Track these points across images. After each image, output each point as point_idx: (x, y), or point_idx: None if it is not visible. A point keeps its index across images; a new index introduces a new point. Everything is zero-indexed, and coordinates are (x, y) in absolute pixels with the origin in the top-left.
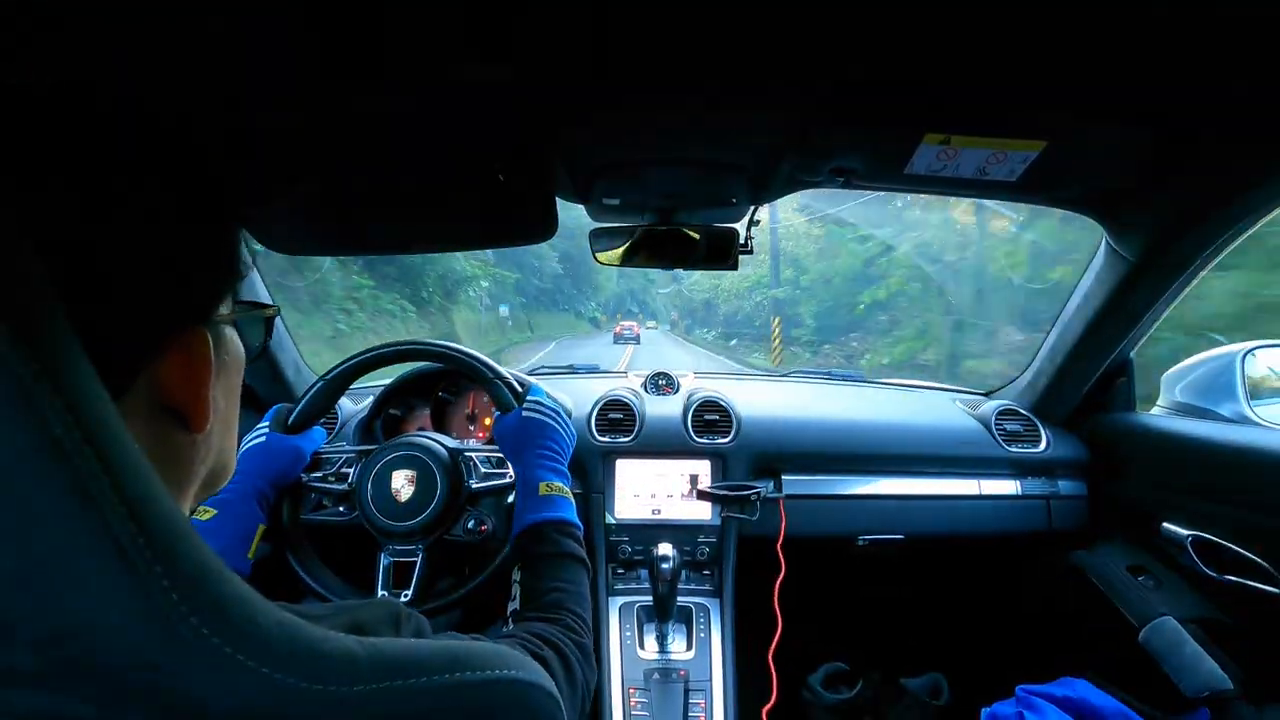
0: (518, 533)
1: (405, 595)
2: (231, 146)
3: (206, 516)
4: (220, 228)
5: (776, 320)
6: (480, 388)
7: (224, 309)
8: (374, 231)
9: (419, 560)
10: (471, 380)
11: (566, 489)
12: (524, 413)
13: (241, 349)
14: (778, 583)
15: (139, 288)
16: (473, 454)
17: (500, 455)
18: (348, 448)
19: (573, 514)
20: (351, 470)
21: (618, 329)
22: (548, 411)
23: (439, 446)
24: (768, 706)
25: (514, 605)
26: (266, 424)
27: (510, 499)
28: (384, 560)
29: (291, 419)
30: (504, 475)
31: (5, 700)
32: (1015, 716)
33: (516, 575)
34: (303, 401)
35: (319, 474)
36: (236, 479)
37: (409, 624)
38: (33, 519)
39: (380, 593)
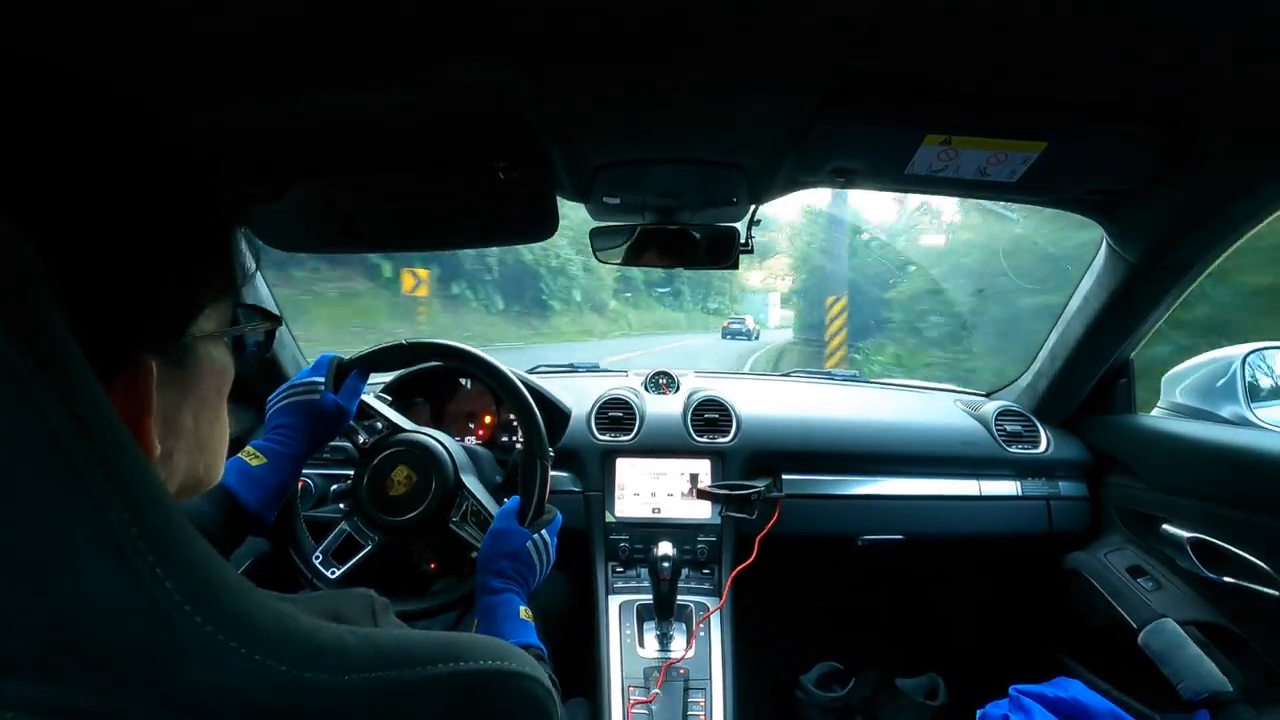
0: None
1: (334, 571)
2: (230, 144)
3: (256, 463)
4: (204, 247)
5: None
6: (481, 387)
7: (209, 325)
8: (374, 229)
9: (370, 548)
10: (477, 380)
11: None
12: (531, 538)
13: (226, 361)
14: (739, 566)
15: (97, 319)
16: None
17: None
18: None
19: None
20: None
21: (726, 322)
22: (545, 552)
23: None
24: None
25: None
26: (320, 379)
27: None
28: (340, 530)
29: (349, 360)
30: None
31: (4, 690)
32: (1002, 718)
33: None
34: (371, 350)
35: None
36: (286, 433)
37: (386, 614)
38: (29, 509)
39: (316, 555)
